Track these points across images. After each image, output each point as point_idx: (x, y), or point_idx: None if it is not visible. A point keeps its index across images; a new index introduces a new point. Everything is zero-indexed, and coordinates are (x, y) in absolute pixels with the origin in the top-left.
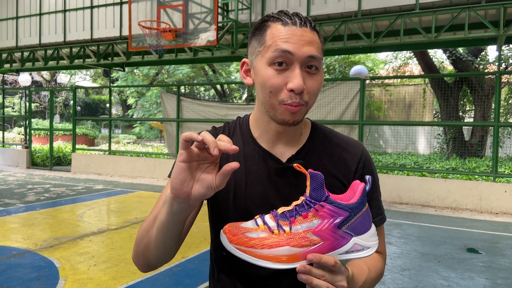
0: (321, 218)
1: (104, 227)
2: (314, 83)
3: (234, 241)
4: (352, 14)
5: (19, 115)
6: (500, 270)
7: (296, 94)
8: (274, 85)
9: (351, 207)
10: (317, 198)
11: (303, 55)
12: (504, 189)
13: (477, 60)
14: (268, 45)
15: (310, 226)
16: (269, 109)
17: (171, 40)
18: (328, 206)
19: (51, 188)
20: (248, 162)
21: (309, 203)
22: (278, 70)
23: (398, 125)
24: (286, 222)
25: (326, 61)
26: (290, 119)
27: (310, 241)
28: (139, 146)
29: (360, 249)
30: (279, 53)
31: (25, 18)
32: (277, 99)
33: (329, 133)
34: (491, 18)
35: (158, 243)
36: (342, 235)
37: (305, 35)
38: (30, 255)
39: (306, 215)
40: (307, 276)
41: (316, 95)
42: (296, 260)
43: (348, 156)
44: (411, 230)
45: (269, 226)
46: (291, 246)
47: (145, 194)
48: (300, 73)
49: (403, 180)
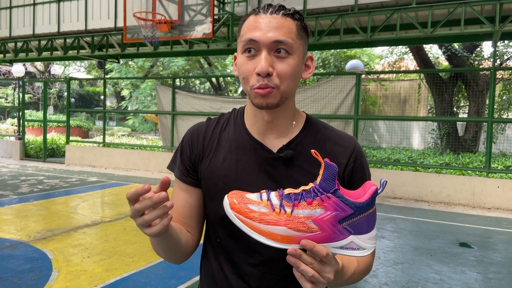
0: (325, 209)
1: (98, 219)
2: (284, 66)
3: (235, 209)
4: (348, 8)
5: (12, 106)
6: (492, 265)
7: (263, 77)
8: (245, 71)
9: (358, 206)
10: (326, 188)
11: (268, 41)
12: (497, 184)
13: (472, 56)
14: (241, 35)
15: (312, 214)
16: (248, 95)
17: (166, 32)
18: (334, 199)
19: (44, 180)
20: (239, 152)
21: (316, 192)
22: (249, 57)
23: (393, 120)
24: (290, 203)
25: (321, 55)
26: (263, 102)
27: (308, 228)
28: (134, 139)
29: (355, 248)
30: (246, 42)
31: (18, 8)
32: (248, 84)
33: (322, 126)
34: (487, 14)
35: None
36: (340, 230)
37: (272, 22)
38: (23, 246)
39: (311, 202)
40: (295, 260)
41: (289, 78)
42: (289, 242)
43: (339, 150)
44: (404, 225)
45: (272, 203)
46: (288, 227)
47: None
48: (266, 57)
49: (397, 174)
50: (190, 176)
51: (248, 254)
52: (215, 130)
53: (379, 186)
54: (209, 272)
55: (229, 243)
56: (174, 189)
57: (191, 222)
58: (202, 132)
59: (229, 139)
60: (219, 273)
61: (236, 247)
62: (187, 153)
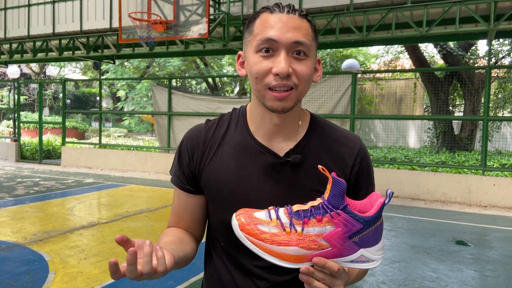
0: (335, 226)
1: (95, 221)
2: (303, 68)
3: (245, 230)
4: (344, 7)
5: (7, 108)
6: (488, 262)
7: (281, 78)
8: (260, 70)
9: (367, 220)
10: (335, 205)
11: (288, 41)
12: (493, 182)
13: (468, 55)
14: (255, 34)
15: (322, 231)
16: (258, 95)
17: (162, 32)
18: (344, 216)
19: (40, 182)
20: (244, 157)
21: (325, 208)
22: (264, 56)
23: (389, 119)
24: (300, 221)
25: (318, 54)
26: (279, 106)
27: (319, 245)
28: (130, 140)
29: (365, 260)
30: (263, 41)
31: (13, 9)
32: (262, 84)
33: (327, 126)
34: (481, 13)
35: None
36: (350, 245)
37: (291, 21)
38: (19, 248)
39: (321, 219)
40: (308, 277)
41: (306, 80)
42: (302, 261)
43: (345, 151)
44: (401, 223)
45: (282, 222)
46: (300, 247)
47: (136, 188)
48: (285, 57)
49: (394, 173)
50: (189, 184)
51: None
52: (215, 134)
53: (386, 197)
54: (215, 274)
55: (234, 248)
56: (174, 193)
57: (192, 225)
58: (202, 137)
59: (232, 143)
60: (226, 275)
61: (242, 253)
62: (186, 160)
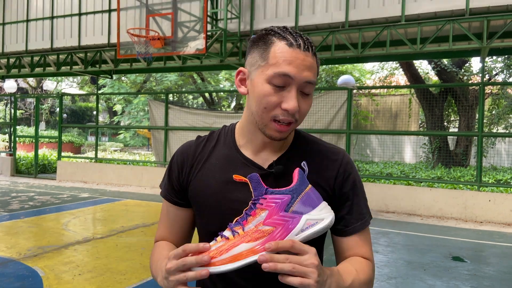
0: (268, 209)
1: (90, 236)
2: (305, 106)
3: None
4: (339, 25)
5: (4, 122)
6: (485, 278)
7: (289, 114)
8: (270, 102)
9: (291, 189)
10: (259, 194)
11: (302, 80)
12: (488, 198)
13: (461, 71)
14: (271, 63)
15: (259, 220)
16: (259, 122)
17: (159, 48)
18: (269, 196)
19: (35, 196)
20: (229, 170)
21: (254, 202)
22: (276, 89)
23: (385, 134)
24: (239, 226)
25: None
26: (278, 136)
27: (263, 232)
28: (126, 154)
29: (314, 223)
30: (279, 74)
31: (11, 24)
32: (269, 115)
33: (311, 140)
34: (474, 30)
35: None
36: (291, 216)
37: (306, 60)
38: (13, 264)
39: (255, 213)
40: (270, 264)
41: (305, 115)
42: (255, 253)
43: (328, 163)
44: (397, 239)
45: (226, 236)
46: (246, 242)
47: (131, 203)
48: (295, 95)
49: (390, 188)
50: (178, 197)
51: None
52: (204, 149)
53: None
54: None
55: None
56: (163, 206)
57: (179, 239)
58: (192, 151)
59: (219, 156)
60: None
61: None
62: (175, 174)
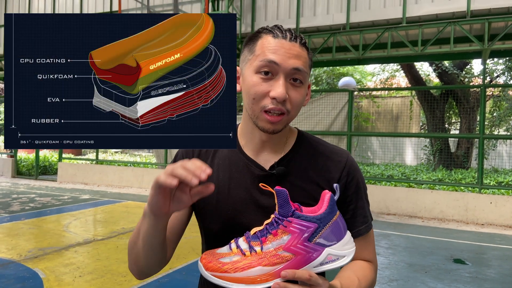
0: (290, 234)
1: (90, 238)
2: (297, 95)
3: (209, 268)
4: (340, 26)
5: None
6: (486, 281)
7: (278, 102)
8: (258, 92)
9: (319, 218)
10: (285, 214)
11: (288, 67)
12: (490, 200)
13: (463, 73)
14: (257, 54)
15: (280, 243)
16: (252, 115)
17: None
18: (295, 221)
19: (36, 198)
20: (232, 169)
21: (277, 220)
22: (263, 78)
23: (386, 136)
24: (257, 242)
25: (314, 72)
26: (270, 128)
27: (282, 258)
28: (127, 156)
29: (335, 259)
30: (265, 63)
31: None
32: (258, 105)
33: (315, 142)
34: (476, 33)
35: (146, 252)
36: (313, 248)
37: (293, 49)
38: (14, 265)
39: (276, 233)
40: None
41: (298, 107)
42: (270, 279)
43: (331, 165)
44: (398, 241)
45: (242, 249)
46: (263, 265)
47: (132, 204)
48: (284, 83)
49: (391, 191)
50: None
51: None
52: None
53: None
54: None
55: None
56: None
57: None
58: (196, 151)
59: (222, 156)
60: None
61: None
62: None
